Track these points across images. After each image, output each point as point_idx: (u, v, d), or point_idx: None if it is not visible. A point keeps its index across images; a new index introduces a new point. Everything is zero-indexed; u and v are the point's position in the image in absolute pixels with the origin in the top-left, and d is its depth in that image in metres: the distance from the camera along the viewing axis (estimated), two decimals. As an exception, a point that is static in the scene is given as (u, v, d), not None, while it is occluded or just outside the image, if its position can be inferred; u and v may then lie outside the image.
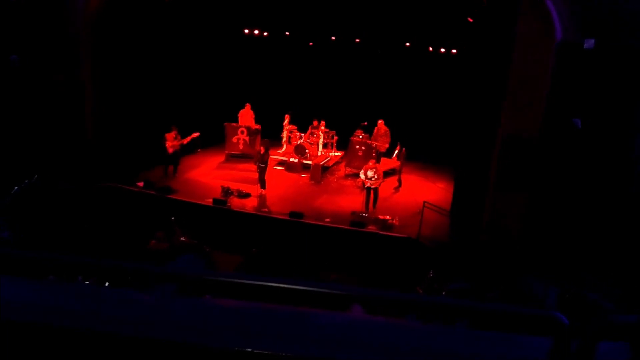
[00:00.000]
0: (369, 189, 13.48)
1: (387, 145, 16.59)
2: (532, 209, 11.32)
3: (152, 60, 15.41)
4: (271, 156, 14.53)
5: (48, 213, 11.42)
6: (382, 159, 16.06)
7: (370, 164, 13.75)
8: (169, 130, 14.75)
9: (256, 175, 14.24)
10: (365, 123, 16.79)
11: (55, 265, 1.86)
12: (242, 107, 17.52)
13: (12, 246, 8.17)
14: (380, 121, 16.78)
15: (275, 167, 16.19)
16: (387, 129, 16.74)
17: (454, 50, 16.68)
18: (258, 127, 17.03)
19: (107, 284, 5.55)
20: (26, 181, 9.76)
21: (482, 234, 11.98)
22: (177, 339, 1.48)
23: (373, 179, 13.35)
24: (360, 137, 16.43)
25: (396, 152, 16.12)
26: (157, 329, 1.50)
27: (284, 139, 17.67)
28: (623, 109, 10.33)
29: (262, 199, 13.86)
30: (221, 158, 17.00)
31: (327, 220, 12.76)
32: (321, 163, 16.14)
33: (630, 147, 10.38)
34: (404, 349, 1.44)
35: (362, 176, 13.68)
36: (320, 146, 17.21)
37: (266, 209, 13.24)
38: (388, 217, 12.96)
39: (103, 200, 13.21)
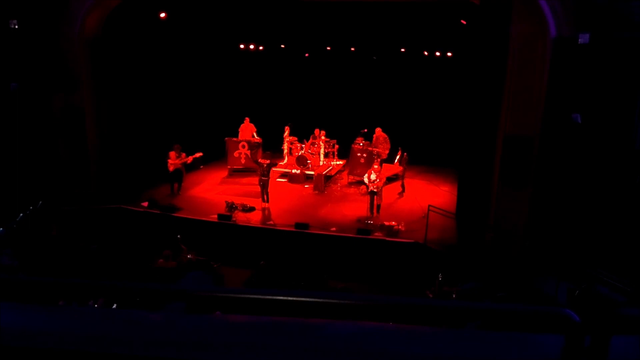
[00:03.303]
0: (372, 192, 13.48)
1: (387, 151, 16.63)
2: (538, 206, 11.28)
3: (150, 80, 15.50)
4: (273, 168, 14.53)
5: (54, 237, 11.45)
6: (384, 165, 16.07)
7: (375, 167, 13.82)
8: (172, 149, 14.79)
9: (259, 189, 14.26)
10: (365, 130, 16.88)
11: (64, 291, 1.86)
12: (242, 121, 17.60)
13: (18, 272, 8.18)
14: (378, 128, 16.86)
15: (278, 179, 16.19)
16: (385, 135, 16.79)
17: (449, 53, 16.71)
18: (259, 140, 17.08)
19: (114, 305, 5.54)
20: (30, 207, 9.79)
21: (489, 233, 11.93)
22: (188, 357, 1.47)
23: (376, 181, 13.35)
24: (361, 144, 16.46)
25: (398, 157, 16.11)
26: (168, 348, 1.50)
27: (285, 151, 17.72)
28: (624, 101, 10.31)
29: (266, 211, 13.88)
30: (224, 173, 17.04)
31: (333, 229, 12.74)
32: (324, 172, 16.15)
33: (633, 139, 10.35)
34: (415, 355, 1.43)
35: (365, 180, 13.74)
36: (322, 156, 17.24)
37: (272, 222, 13.23)
38: (394, 223, 12.92)
39: (109, 221, 13.25)
